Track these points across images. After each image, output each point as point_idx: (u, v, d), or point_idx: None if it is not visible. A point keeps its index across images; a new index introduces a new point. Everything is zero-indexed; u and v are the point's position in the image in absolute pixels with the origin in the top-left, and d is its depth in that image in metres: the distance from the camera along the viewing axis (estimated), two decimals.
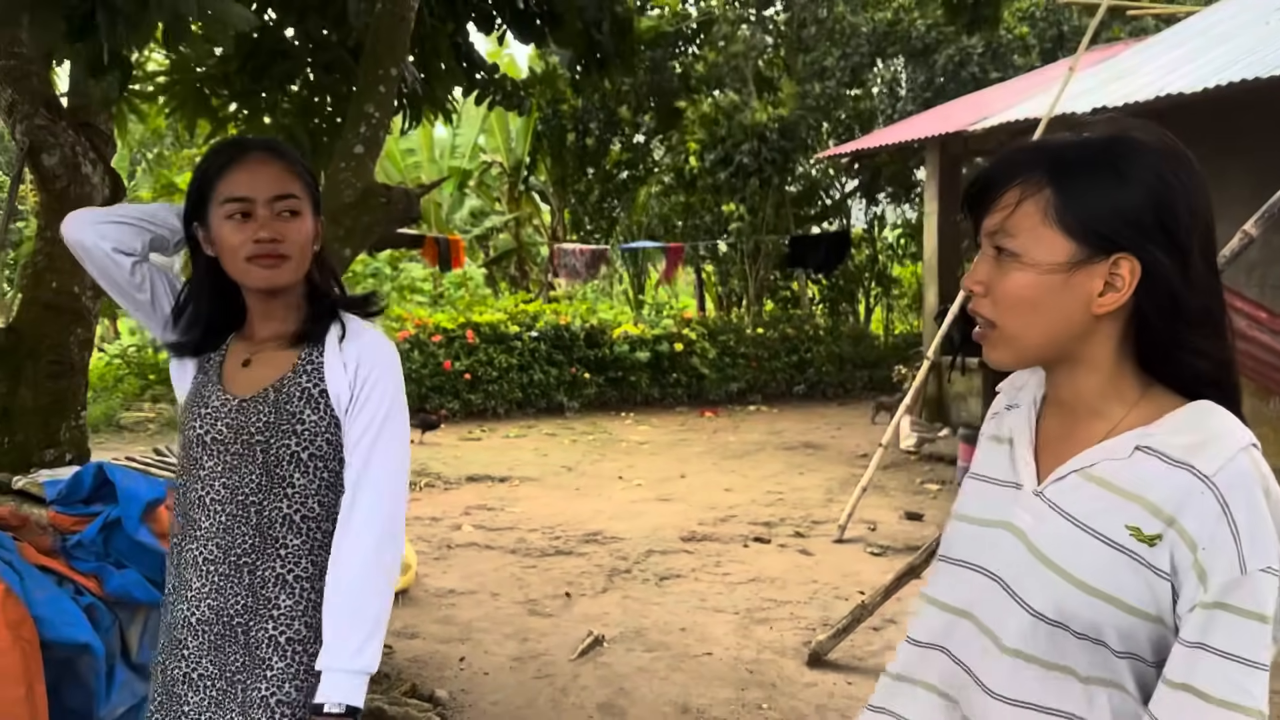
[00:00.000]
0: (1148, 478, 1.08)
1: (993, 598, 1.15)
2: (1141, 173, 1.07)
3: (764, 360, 14.05)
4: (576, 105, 15.74)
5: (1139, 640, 1.07)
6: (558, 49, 6.14)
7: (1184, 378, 1.12)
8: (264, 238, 1.64)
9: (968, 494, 1.26)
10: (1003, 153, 1.16)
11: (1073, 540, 1.10)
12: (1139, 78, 8.07)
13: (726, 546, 6.41)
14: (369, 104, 3.96)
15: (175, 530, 1.74)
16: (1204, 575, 1.03)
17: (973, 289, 1.15)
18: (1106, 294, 1.08)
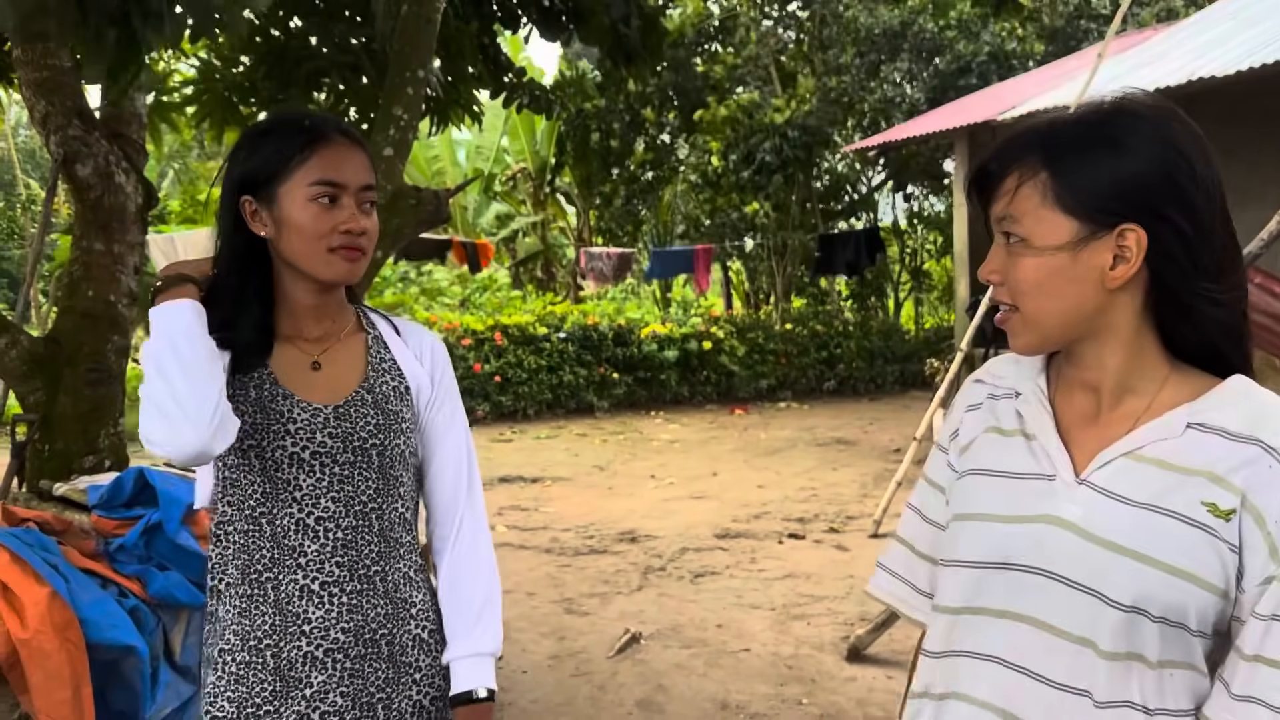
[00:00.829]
0: (1212, 453, 1.07)
1: (1046, 594, 1.11)
2: (1138, 142, 1.07)
3: (793, 357, 14.00)
4: (600, 106, 15.77)
5: (1208, 617, 1.07)
6: (584, 46, 6.15)
7: (1199, 350, 1.12)
8: (354, 229, 1.53)
9: (977, 491, 1.19)
10: (1001, 139, 1.16)
11: (1145, 523, 1.07)
12: (1169, 62, 7.96)
13: (761, 543, 6.39)
14: (397, 106, 3.98)
15: (260, 564, 1.54)
16: (1275, 549, 1.04)
17: (990, 278, 1.15)
18: (1117, 266, 1.08)
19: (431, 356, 1.68)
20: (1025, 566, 1.12)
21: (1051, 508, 1.12)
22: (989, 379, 1.28)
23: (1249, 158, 7.90)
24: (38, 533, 2.63)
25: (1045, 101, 8.68)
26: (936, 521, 1.29)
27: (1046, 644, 1.10)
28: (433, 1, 4.07)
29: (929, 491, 1.31)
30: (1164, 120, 1.09)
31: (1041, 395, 1.20)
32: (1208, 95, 7.61)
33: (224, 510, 1.55)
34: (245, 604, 1.53)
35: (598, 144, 16.38)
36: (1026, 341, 1.15)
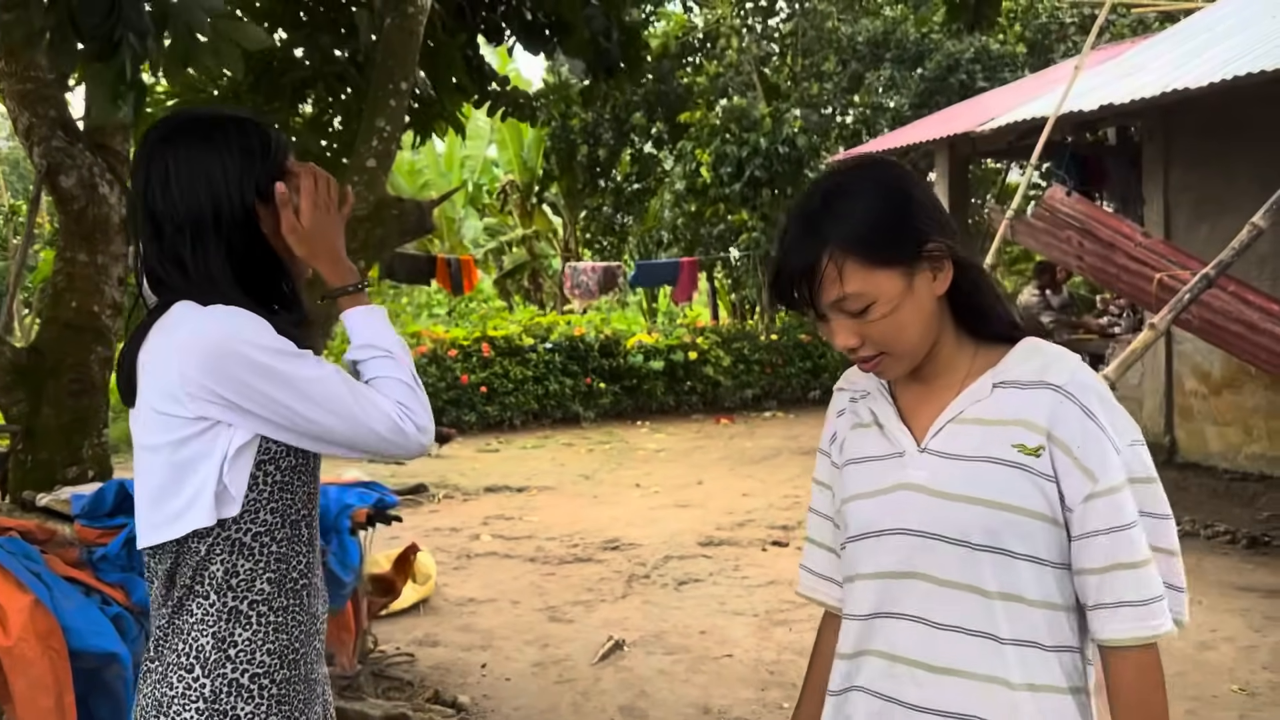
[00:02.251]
0: (1012, 403, 1.29)
1: (912, 546, 1.30)
2: (888, 189, 1.30)
3: (778, 366, 14.06)
4: (587, 119, 15.83)
5: (1037, 542, 1.26)
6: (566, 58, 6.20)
7: (1002, 330, 1.35)
8: None
9: (850, 479, 1.40)
10: (787, 245, 1.31)
11: (970, 471, 1.28)
12: (1146, 74, 8.06)
13: (745, 550, 6.43)
14: (380, 118, 4.02)
15: (294, 571, 1.49)
16: (1089, 470, 1.25)
17: (849, 345, 1.31)
18: (938, 276, 1.30)
19: None
20: (891, 529, 1.33)
21: (903, 477, 1.33)
22: (848, 386, 1.48)
23: (1224, 169, 8.01)
24: (21, 541, 2.65)
25: (1024, 113, 8.77)
26: (830, 516, 1.48)
27: (923, 590, 1.30)
28: (415, 15, 4.12)
29: (820, 492, 1.51)
30: (881, 164, 1.35)
31: (883, 389, 1.41)
32: (1184, 107, 7.72)
33: (265, 520, 1.44)
34: (281, 618, 1.45)
35: (584, 156, 16.44)
36: (899, 370, 1.34)
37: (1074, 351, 5.59)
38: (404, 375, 1.48)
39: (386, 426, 1.43)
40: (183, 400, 1.39)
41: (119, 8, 2.43)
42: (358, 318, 1.53)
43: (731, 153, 13.52)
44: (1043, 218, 7.28)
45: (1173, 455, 8.62)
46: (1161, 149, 8.69)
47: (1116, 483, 1.24)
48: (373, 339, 1.51)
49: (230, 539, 1.43)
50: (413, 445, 1.46)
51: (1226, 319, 6.25)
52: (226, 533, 1.43)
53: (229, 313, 1.41)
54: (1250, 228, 4.95)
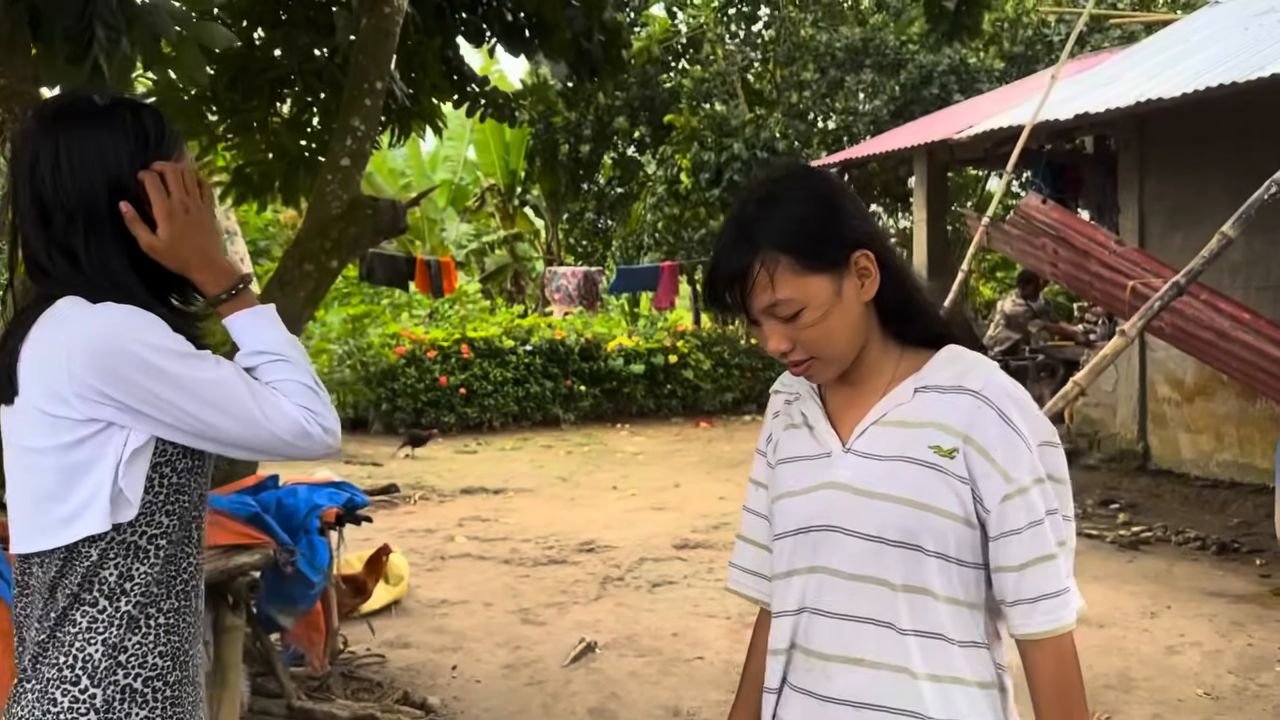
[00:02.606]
0: (932, 407, 1.34)
1: (835, 543, 1.35)
2: (818, 195, 1.35)
3: (758, 370, 14.11)
4: (570, 118, 15.83)
5: (948, 540, 1.31)
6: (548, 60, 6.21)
7: (927, 335, 1.40)
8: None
9: (782, 478, 1.44)
10: (720, 250, 1.35)
11: (888, 471, 1.33)
12: (1121, 84, 8.14)
13: (719, 553, 6.44)
14: (354, 118, 4.02)
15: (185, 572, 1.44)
16: (1005, 471, 1.29)
17: (781, 348, 1.34)
18: (865, 283, 1.34)
19: None
20: (818, 526, 1.37)
21: (829, 475, 1.38)
22: (783, 389, 1.53)
23: (1197, 178, 8.09)
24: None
25: (1002, 121, 8.84)
26: (765, 514, 1.52)
27: (845, 587, 1.34)
28: (391, 15, 4.11)
29: (755, 491, 1.55)
30: (812, 173, 1.41)
31: (813, 392, 1.46)
32: (1159, 116, 7.80)
33: (160, 522, 1.38)
34: (173, 619, 1.41)
35: (566, 157, 16.44)
36: (829, 374, 1.38)
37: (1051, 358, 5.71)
38: (304, 378, 1.42)
39: (291, 431, 1.38)
40: (71, 402, 1.32)
41: (92, 7, 2.42)
42: (243, 323, 1.44)
43: (710, 159, 13.56)
44: (1018, 225, 7.34)
45: (1146, 462, 8.70)
46: (1136, 158, 8.77)
47: (1027, 482, 1.29)
48: (263, 344, 1.43)
49: (125, 542, 1.36)
50: (318, 448, 1.41)
51: (1198, 326, 6.31)
52: (121, 536, 1.36)
53: (119, 310, 1.34)
54: (1220, 237, 5.01)
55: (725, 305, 1.35)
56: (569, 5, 5.47)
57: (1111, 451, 8.90)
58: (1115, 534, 6.74)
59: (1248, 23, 8.26)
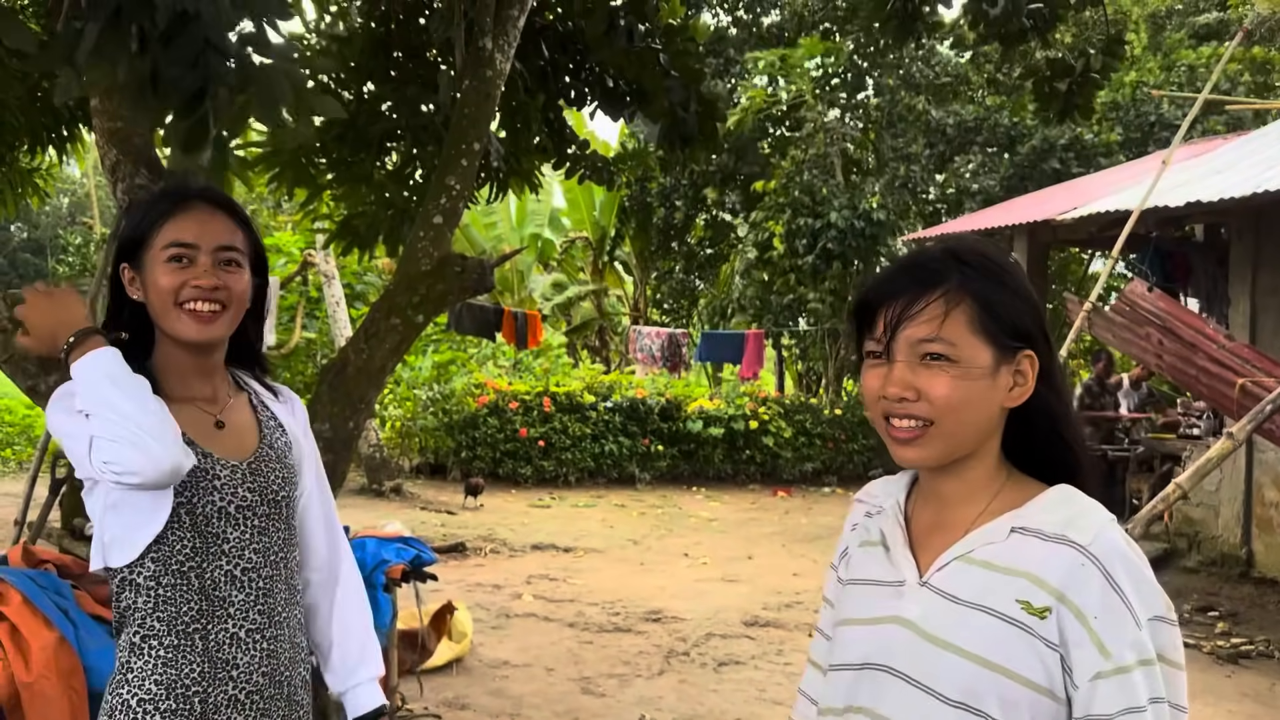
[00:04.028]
0: (1028, 555, 1.17)
1: (893, 690, 1.20)
2: (1020, 282, 1.24)
3: (840, 442, 13.84)
4: (665, 183, 15.97)
5: (1021, 712, 1.14)
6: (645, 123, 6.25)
7: (1050, 460, 1.25)
8: (204, 284, 1.60)
9: (849, 600, 1.31)
10: (906, 262, 1.26)
11: (963, 619, 1.17)
12: (1235, 173, 7.86)
13: (790, 634, 6.24)
14: (450, 176, 4.06)
15: (187, 615, 1.60)
16: (1102, 644, 1.11)
17: (903, 394, 1.20)
18: (1015, 389, 1.22)
19: (294, 415, 1.80)
20: (877, 665, 1.23)
21: (897, 609, 1.23)
22: (867, 499, 1.39)
23: None
24: (53, 576, 2.66)
25: (1108, 205, 8.60)
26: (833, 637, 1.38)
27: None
28: (493, 79, 4.17)
29: (827, 611, 1.40)
30: (1019, 267, 1.29)
31: (899, 509, 1.31)
32: (1275, 208, 7.49)
33: (148, 566, 1.59)
34: (171, 654, 1.58)
35: (660, 218, 16.56)
36: (932, 452, 1.22)
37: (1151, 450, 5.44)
38: (104, 431, 1.48)
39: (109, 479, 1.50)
40: None
41: (205, 62, 2.48)
42: (75, 376, 1.55)
43: (805, 224, 13.48)
44: (1122, 312, 7.08)
45: (1249, 569, 8.22)
46: (1250, 250, 8.42)
47: (1128, 662, 1.11)
48: (83, 402, 1.53)
49: (126, 579, 1.60)
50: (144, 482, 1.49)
51: None
52: (122, 574, 1.60)
53: None
54: None
55: (869, 324, 1.24)
56: (669, 75, 5.51)
57: (1212, 555, 8.44)
58: (1213, 644, 6.34)
59: None
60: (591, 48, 5.76)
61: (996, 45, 5.49)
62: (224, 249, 1.64)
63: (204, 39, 2.54)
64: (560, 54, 6.01)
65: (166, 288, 1.60)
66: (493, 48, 4.10)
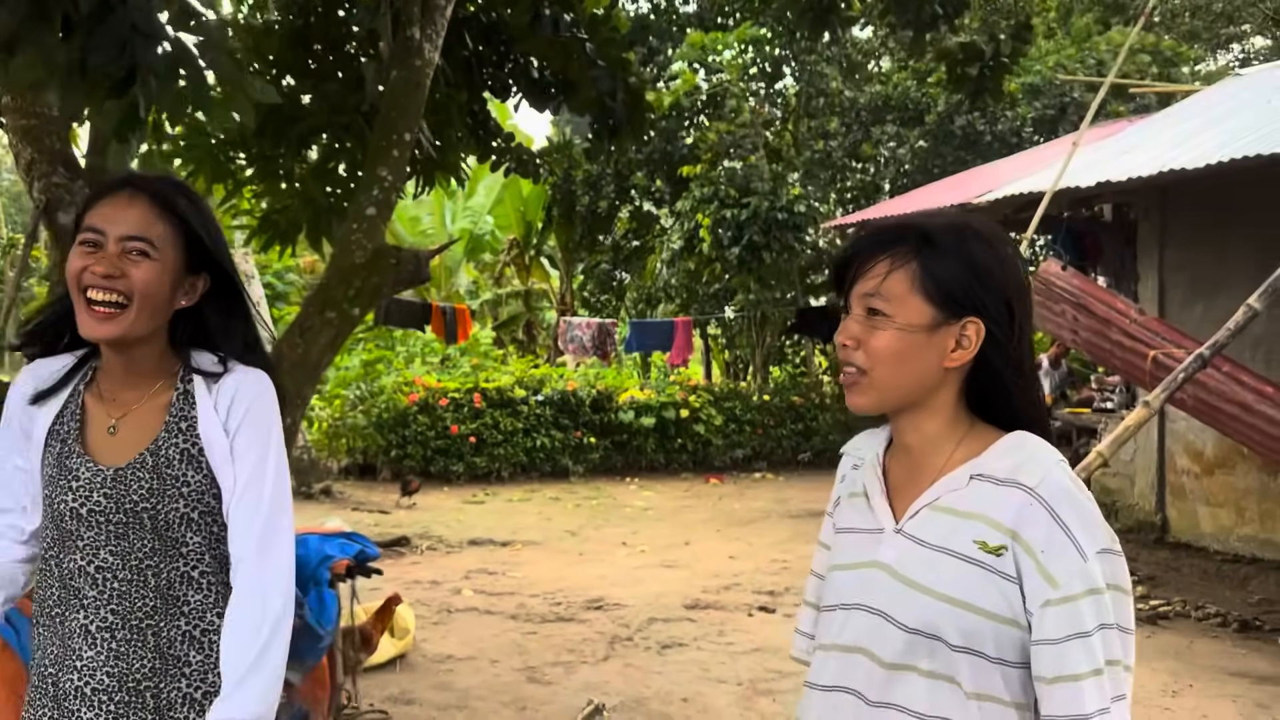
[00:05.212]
0: (984, 499, 1.29)
1: (875, 626, 1.32)
2: (983, 256, 1.31)
3: (770, 427, 14.02)
4: (590, 172, 15.95)
5: (985, 639, 1.25)
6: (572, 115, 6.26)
7: (1004, 414, 1.35)
8: (99, 270, 1.55)
9: (839, 547, 1.43)
10: (874, 228, 1.37)
11: (930, 561, 1.29)
12: (1143, 153, 8.15)
13: (730, 615, 6.33)
14: (382, 167, 4.04)
15: (50, 600, 1.64)
16: (1049, 575, 1.23)
17: (846, 342, 1.33)
18: (957, 350, 1.31)
19: (230, 405, 1.63)
20: (862, 605, 1.34)
21: (876, 554, 1.35)
22: (852, 451, 1.51)
23: (1217, 248, 8.07)
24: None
25: (1022, 187, 8.85)
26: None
27: (878, 674, 1.30)
28: (422, 68, 4.15)
29: (820, 553, 1.53)
30: (1001, 242, 1.35)
31: (877, 461, 1.43)
32: (1181, 187, 7.79)
33: (34, 551, 1.71)
34: (39, 637, 1.66)
35: (584, 210, 16.54)
36: (866, 400, 1.34)
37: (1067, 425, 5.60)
38: None
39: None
40: None
41: (131, 48, 2.43)
42: None
43: (731, 216, 13.60)
44: (1038, 290, 7.30)
45: (1164, 534, 8.56)
46: (1157, 227, 8.76)
47: (1075, 591, 1.22)
48: None
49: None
50: None
51: (1220, 399, 6.24)
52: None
53: None
54: (1246, 309, 4.97)
55: (840, 281, 1.36)
56: (595, 65, 5.53)
57: (1129, 522, 8.77)
58: (1134, 607, 6.61)
59: (1270, 96, 8.29)
60: (516, 39, 5.75)
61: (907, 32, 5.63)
62: (131, 238, 1.57)
63: (130, 24, 2.50)
64: (484, 46, 5.99)
65: (71, 272, 1.57)
66: (421, 37, 4.08)
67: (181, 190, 1.66)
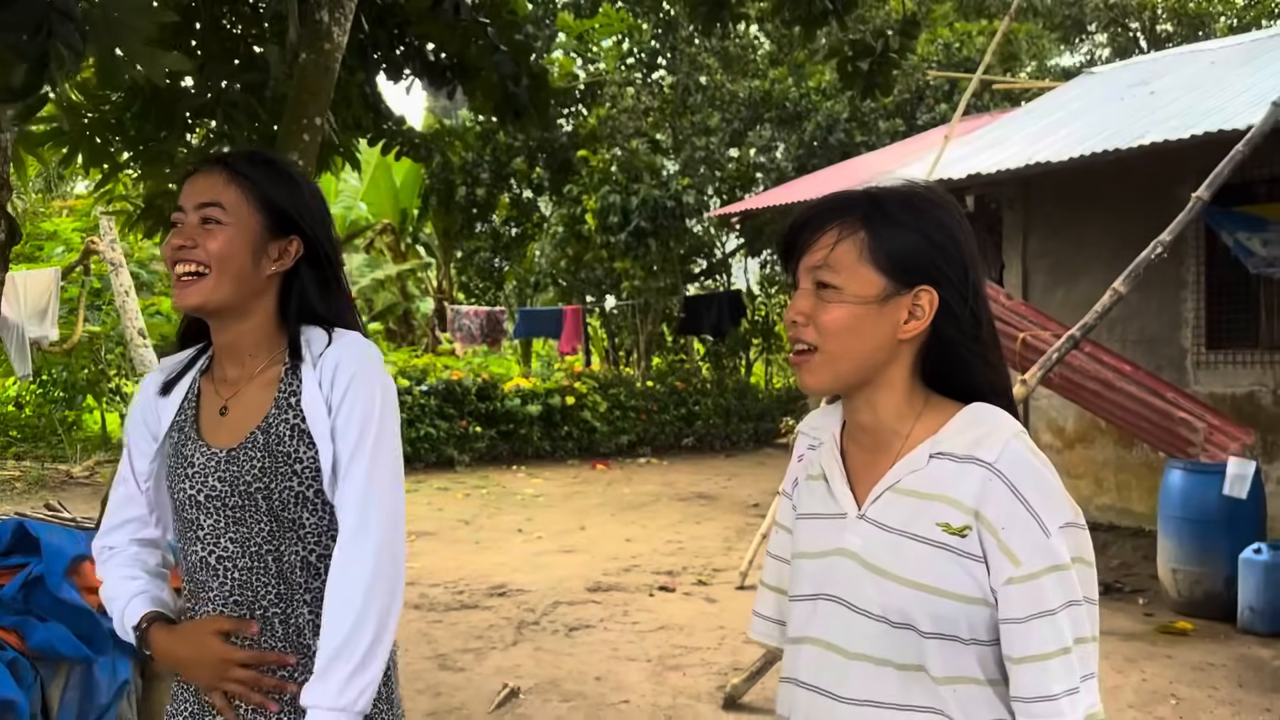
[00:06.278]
0: (944, 478, 1.24)
1: (838, 617, 1.28)
2: (934, 222, 1.27)
3: (653, 413, 14.22)
4: (466, 158, 15.77)
5: (958, 623, 1.21)
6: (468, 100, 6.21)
7: (962, 385, 1.30)
8: (174, 242, 1.54)
9: (801, 533, 1.37)
10: (823, 198, 1.32)
11: (896, 547, 1.24)
12: (1009, 147, 8.62)
13: (633, 596, 6.45)
14: (293, 152, 3.95)
15: (185, 596, 1.63)
16: (1010, 552, 1.19)
17: (795, 318, 1.28)
18: (910, 321, 1.26)
19: (334, 378, 1.55)
20: (828, 595, 1.30)
21: (841, 541, 1.30)
22: (809, 431, 1.44)
23: (1077, 236, 8.60)
24: None
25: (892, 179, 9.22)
26: (788, 559, 1.42)
27: (845, 665, 1.27)
28: (331, 51, 4.08)
29: (778, 534, 1.47)
30: (952, 208, 1.31)
31: (834, 442, 1.37)
32: (1042, 178, 8.28)
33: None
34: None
35: (462, 197, 16.36)
36: (819, 379, 1.28)
37: None
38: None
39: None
40: None
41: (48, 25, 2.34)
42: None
43: (618, 201, 13.70)
44: None
45: None
46: (1021, 217, 9.27)
47: (1038, 568, 1.18)
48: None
49: None
50: None
51: (1085, 377, 6.69)
52: None
53: None
54: (1112, 293, 5.34)
55: (788, 252, 1.31)
56: (497, 50, 5.51)
57: None
58: None
59: (1122, 93, 8.88)
60: (415, 22, 5.68)
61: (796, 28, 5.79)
62: (201, 205, 1.54)
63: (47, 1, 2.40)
64: (379, 28, 5.90)
65: (163, 251, 1.59)
66: (329, 20, 4.01)
67: (259, 158, 1.63)
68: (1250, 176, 6.91)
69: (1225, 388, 7.67)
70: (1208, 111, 7.03)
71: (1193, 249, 7.78)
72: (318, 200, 1.64)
